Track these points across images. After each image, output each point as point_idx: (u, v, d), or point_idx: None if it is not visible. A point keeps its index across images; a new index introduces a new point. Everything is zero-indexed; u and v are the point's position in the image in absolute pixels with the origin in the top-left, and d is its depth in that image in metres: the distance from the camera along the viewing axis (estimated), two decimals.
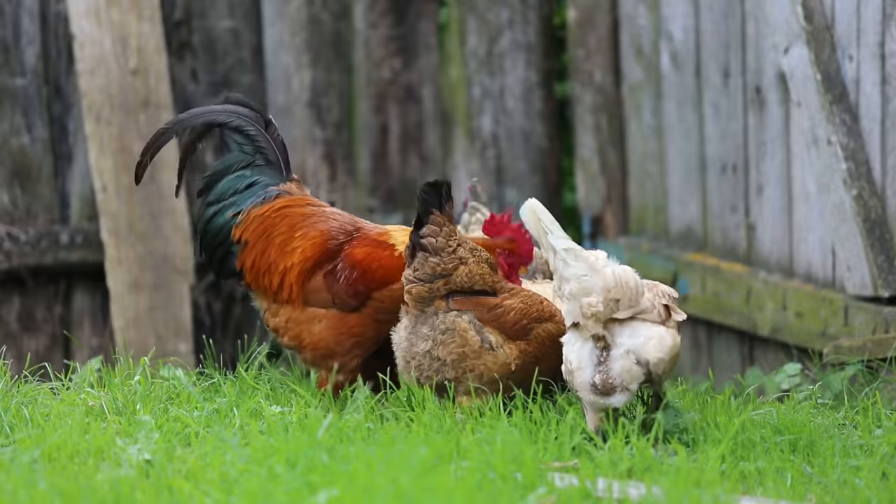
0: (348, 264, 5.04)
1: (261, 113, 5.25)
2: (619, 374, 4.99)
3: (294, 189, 5.21)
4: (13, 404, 4.99)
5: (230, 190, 5.20)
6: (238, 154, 5.21)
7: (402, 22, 7.89)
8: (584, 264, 5.01)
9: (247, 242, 5.15)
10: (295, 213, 5.14)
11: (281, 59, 7.72)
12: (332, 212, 5.16)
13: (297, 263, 5.06)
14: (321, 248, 5.07)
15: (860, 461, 4.69)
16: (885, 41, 6.07)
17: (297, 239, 5.09)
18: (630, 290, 5.01)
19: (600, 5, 7.69)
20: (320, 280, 5.04)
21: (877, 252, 6.14)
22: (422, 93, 7.95)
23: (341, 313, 5.03)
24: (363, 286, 5.01)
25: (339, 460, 4.47)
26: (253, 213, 5.15)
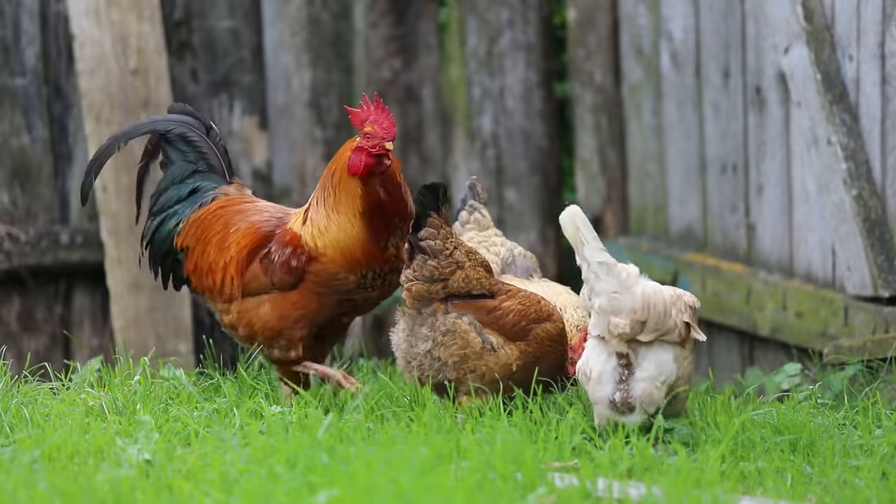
0: (280, 245, 5.16)
1: (201, 119, 5.40)
2: (641, 396, 4.98)
3: (232, 191, 5.35)
4: (13, 404, 4.99)
5: (173, 199, 5.33)
6: (181, 164, 5.34)
7: (402, 22, 7.89)
8: (616, 280, 4.99)
9: (188, 248, 5.29)
10: (229, 211, 5.28)
11: (281, 59, 7.71)
12: (265, 205, 5.30)
13: (234, 256, 5.20)
14: (253, 237, 5.20)
15: (860, 461, 4.68)
16: (885, 41, 6.07)
17: (231, 235, 5.23)
18: (657, 314, 4.99)
19: (600, 5, 7.69)
20: (257, 266, 5.17)
21: (877, 252, 6.14)
22: (422, 93, 7.95)
23: (282, 293, 5.15)
24: (296, 261, 5.12)
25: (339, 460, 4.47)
26: (192, 219, 5.29)
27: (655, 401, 4.98)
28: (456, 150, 7.93)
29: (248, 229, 5.23)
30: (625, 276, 5.00)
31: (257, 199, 5.36)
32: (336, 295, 5.15)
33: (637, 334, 4.96)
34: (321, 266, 5.12)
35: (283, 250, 5.16)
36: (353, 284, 5.15)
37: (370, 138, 5.12)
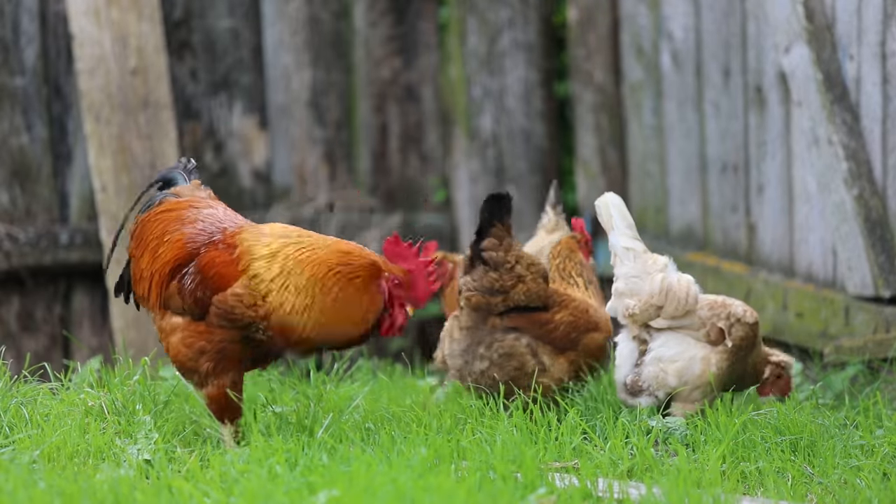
0: (196, 269, 4.79)
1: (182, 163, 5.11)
2: (647, 379, 5.08)
3: (185, 191, 5.02)
4: (13, 404, 4.98)
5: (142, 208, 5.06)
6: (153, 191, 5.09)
7: (402, 21, 7.88)
8: (639, 266, 5.09)
9: (132, 254, 4.99)
10: (171, 216, 4.93)
11: (281, 59, 7.71)
12: (207, 214, 4.91)
13: (159, 269, 4.86)
14: (179, 251, 4.84)
15: (861, 461, 4.68)
16: (885, 41, 6.06)
17: (164, 244, 4.89)
18: (677, 301, 5.07)
19: (601, 5, 7.68)
20: (175, 285, 4.82)
21: (877, 252, 6.13)
22: (422, 92, 7.94)
23: (192, 321, 4.80)
24: (201, 292, 4.76)
25: (339, 460, 4.47)
26: (138, 221, 4.99)
27: (663, 385, 5.05)
28: (456, 149, 7.92)
29: (176, 241, 4.85)
30: (651, 262, 5.09)
31: (208, 202, 4.97)
32: (234, 331, 4.73)
33: (650, 319, 5.05)
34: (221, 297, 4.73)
35: (196, 276, 4.77)
36: (248, 320, 4.72)
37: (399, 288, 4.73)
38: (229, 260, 4.74)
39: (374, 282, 4.70)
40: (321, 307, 4.68)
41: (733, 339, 5.12)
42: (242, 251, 4.73)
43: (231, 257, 4.73)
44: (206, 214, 4.89)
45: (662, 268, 5.14)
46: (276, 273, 4.70)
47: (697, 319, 5.12)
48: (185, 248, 4.83)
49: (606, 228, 5.20)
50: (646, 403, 5.10)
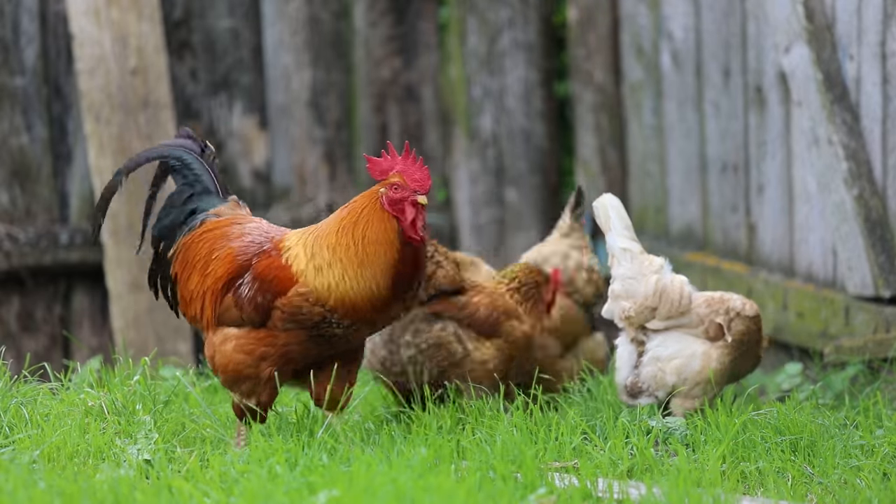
0: (252, 278, 4.80)
1: (196, 139, 5.07)
2: (646, 379, 5.09)
3: (225, 210, 5.01)
4: (12, 404, 4.98)
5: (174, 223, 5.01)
6: (180, 187, 5.03)
7: (402, 21, 7.88)
8: (635, 267, 5.11)
9: (177, 275, 4.97)
10: (215, 235, 4.93)
11: (281, 59, 7.71)
12: (252, 227, 4.93)
13: (210, 286, 4.85)
14: (231, 266, 4.84)
15: (861, 461, 4.68)
16: (885, 41, 6.06)
17: (213, 262, 4.88)
18: (671, 302, 5.09)
19: (601, 4, 7.68)
20: (230, 298, 4.81)
21: (878, 252, 6.13)
22: (422, 92, 7.94)
23: (250, 329, 4.79)
24: (261, 297, 4.75)
25: (339, 460, 4.47)
26: (181, 244, 4.97)
27: (662, 384, 5.07)
28: (456, 149, 7.92)
29: (225, 257, 4.87)
30: (646, 264, 5.10)
31: (250, 217, 5.01)
32: (303, 331, 4.75)
33: (646, 320, 5.07)
34: (287, 300, 4.73)
35: (253, 284, 4.79)
36: (317, 318, 4.73)
37: (399, 190, 4.74)
38: (285, 264, 4.76)
39: (376, 206, 4.74)
40: (359, 260, 4.71)
41: (733, 334, 5.13)
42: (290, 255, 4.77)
43: (284, 262, 4.77)
44: (251, 228, 4.91)
45: (658, 269, 5.15)
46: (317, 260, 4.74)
47: (695, 317, 5.13)
48: (237, 261, 4.84)
49: (604, 230, 5.21)
50: (646, 404, 5.12)
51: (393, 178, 4.75)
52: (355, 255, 4.72)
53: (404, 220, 4.71)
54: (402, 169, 4.75)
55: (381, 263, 4.70)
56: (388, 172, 4.77)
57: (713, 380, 5.13)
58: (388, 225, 4.73)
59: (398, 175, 4.74)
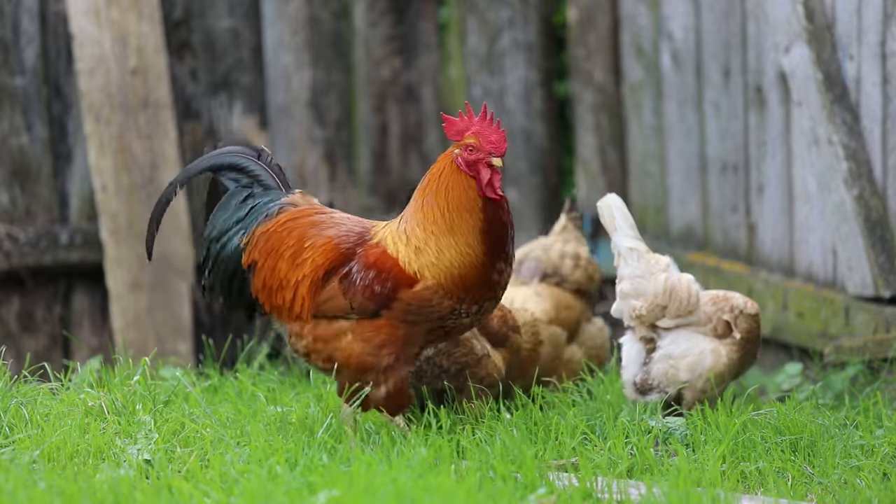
0: (363, 266, 4.72)
1: (251, 146, 5.01)
2: (657, 376, 5.14)
3: (299, 200, 4.93)
4: (12, 404, 4.98)
5: (231, 219, 4.93)
6: (235, 189, 4.95)
7: (402, 21, 7.88)
8: (643, 266, 5.16)
9: (256, 263, 4.85)
10: (302, 223, 4.85)
11: (281, 59, 7.71)
12: (340, 217, 4.88)
13: (309, 274, 4.76)
14: (332, 254, 4.77)
15: (861, 461, 4.68)
16: (885, 41, 6.06)
17: (306, 250, 4.79)
18: (679, 300, 5.13)
19: (601, 5, 7.68)
20: (335, 286, 4.73)
21: (878, 252, 6.13)
22: (422, 92, 7.94)
23: (364, 321, 4.72)
24: (379, 286, 4.68)
25: (339, 460, 4.47)
26: (258, 232, 4.86)
27: (673, 381, 5.11)
28: None
29: (324, 245, 4.78)
30: (653, 262, 5.15)
31: (328, 208, 4.94)
32: (427, 323, 4.70)
33: (657, 319, 5.11)
34: (414, 294, 4.67)
35: (367, 273, 4.71)
36: (446, 310, 4.69)
37: (474, 151, 4.70)
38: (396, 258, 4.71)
39: (453, 168, 4.72)
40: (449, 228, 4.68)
41: (741, 331, 5.17)
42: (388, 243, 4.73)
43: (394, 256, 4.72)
44: (340, 218, 4.88)
45: (665, 268, 5.19)
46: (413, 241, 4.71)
47: (703, 315, 5.17)
48: (338, 249, 4.77)
49: (609, 230, 5.23)
50: (655, 399, 5.16)
51: (468, 139, 4.72)
52: (444, 224, 4.69)
53: (480, 182, 4.67)
54: (478, 130, 4.73)
55: (471, 231, 4.67)
56: (464, 133, 4.74)
57: (724, 375, 5.17)
58: (469, 185, 4.70)
59: (474, 136, 4.71)
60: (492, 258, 4.68)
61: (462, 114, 4.76)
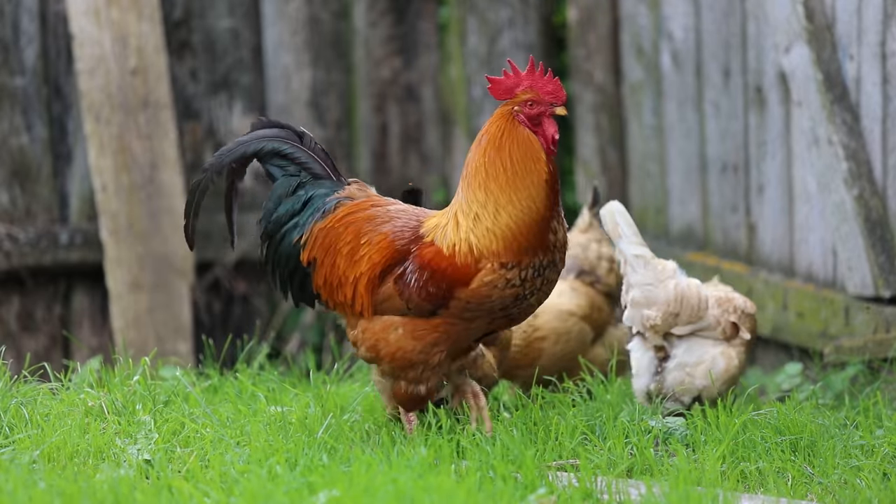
0: (417, 266, 4.63)
1: (290, 128, 4.86)
2: (672, 385, 5.13)
3: (356, 192, 4.82)
4: (12, 404, 4.98)
5: (287, 214, 4.82)
6: (283, 179, 4.82)
7: (402, 21, 7.88)
8: (651, 274, 5.14)
9: (316, 260, 4.76)
10: (359, 218, 4.75)
11: (281, 59, 7.71)
12: (397, 210, 4.76)
13: (366, 272, 4.68)
14: (387, 251, 4.68)
15: (861, 461, 4.68)
16: (885, 41, 6.06)
17: (363, 246, 4.70)
18: (691, 307, 5.13)
19: (601, 5, 7.68)
20: (391, 287, 4.65)
21: (878, 252, 6.13)
22: (422, 92, 7.94)
23: (419, 318, 4.63)
24: (434, 287, 4.59)
25: (339, 460, 4.46)
26: (316, 229, 4.76)
27: (689, 389, 5.12)
28: (456, 149, 7.92)
29: (380, 242, 4.69)
30: (660, 269, 5.13)
31: (385, 199, 4.82)
32: (488, 315, 4.62)
33: (670, 327, 5.11)
34: (472, 291, 4.57)
35: (421, 273, 4.62)
36: (510, 298, 4.59)
37: (535, 105, 4.59)
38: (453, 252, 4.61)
39: (514, 125, 4.63)
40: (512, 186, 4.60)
41: (749, 331, 5.19)
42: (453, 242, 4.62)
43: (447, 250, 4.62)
44: (396, 211, 4.78)
45: (672, 273, 5.17)
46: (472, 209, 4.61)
47: (712, 319, 5.17)
48: (393, 246, 4.68)
49: (613, 236, 5.20)
50: (677, 407, 5.18)
51: (524, 94, 4.62)
52: (506, 180, 4.60)
53: (544, 135, 4.60)
54: (531, 84, 4.62)
55: (534, 183, 4.60)
56: (515, 90, 4.64)
57: (736, 377, 5.19)
58: (532, 139, 4.61)
59: (530, 91, 4.61)
60: (550, 212, 4.58)
61: (507, 72, 4.65)
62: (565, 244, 4.66)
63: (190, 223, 4.85)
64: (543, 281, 4.61)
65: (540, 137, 4.61)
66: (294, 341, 7.74)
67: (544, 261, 4.59)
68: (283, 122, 4.87)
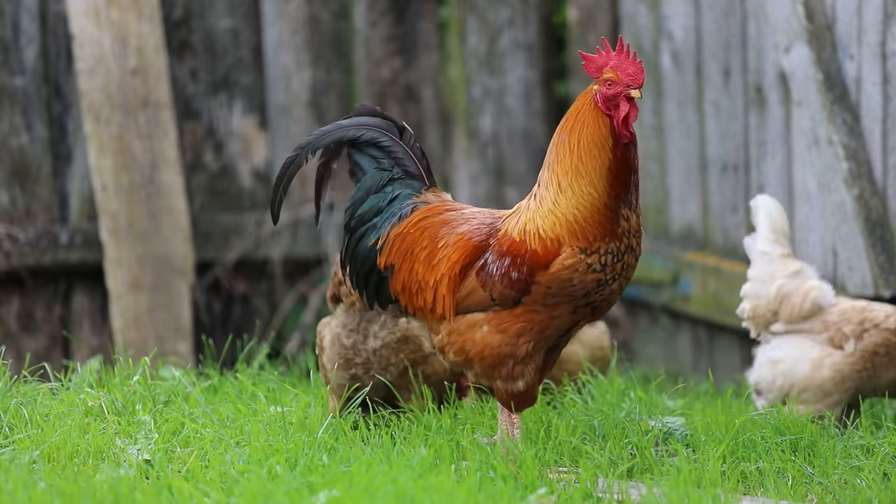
0: (498, 255, 4.56)
1: (392, 121, 4.79)
2: (759, 380, 5.24)
3: (431, 198, 4.75)
4: (12, 404, 4.98)
5: (372, 211, 4.76)
6: (375, 172, 4.75)
7: (401, 21, 7.88)
8: (768, 270, 5.31)
9: (393, 266, 4.71)
10: (434, 222, 4.70)
11: (281, 59, 7.71)
12: (471, 212, 4.71)
13: (446, 273, 4.63)
14: (465, 249, 4.63)
15: (861, 462, 4.68)
16: (885, 40, 6.06)
17: (440, 249, 4.66)
18: (792, 307, 5.24)
19: (601, 4, 7.68)
20: (473, 280, 4.59)
21: (878, 252, 6.13)
22: (422, 92, 7.94)
23: (503, 311, 4.56)
24: (517, 272, 4.51)
25: (339, 460, 4.46)
26: (392, 235, 4.71)
27: (772, 386, 5.20)
28: (456, 149, 7.92)
29: (457, 242, 4.64)
30: (781, 268, 5.30)
31: (460, 204, 4.76)
32: (571, 302, 4.53)
33: (768, 323, 5.24)
34: (552, 274, 4.49)
35: (502, 261, 4.55)
36: (591, 284, 4.51)
37: (612, 85, 4.51)
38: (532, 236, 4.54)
39: (591, 106, 4.56)
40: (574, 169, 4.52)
41: (864, 345, 5.19)
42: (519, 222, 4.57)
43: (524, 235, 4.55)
44: (471, 213, 4.73)
45: (792, 273, 5.31)
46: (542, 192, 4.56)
47: (819, 324, 5.23)
48: (470, 243, 4.63)
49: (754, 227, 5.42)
50: (760, 405, 5.25)
51: (607, 73, 4.55)
52: (570, 164, 4.53)
53: (617, 117, 4.53)
54: (615, 64, 4.55)
55: (596, 169, 4.52)
56: (603, 69, 4.57)
57: (826, 387, 5.18)
58: (602, 123, 4.53)
59: (612, 70, 4.55)
60: (615, 201, 4.50)
61: (600, 49, 4.57)
62: (639, 230, 4.58)
63: (278, 198, 4.77)
64: (623, 265, 4.54)
65: (612, 119, 4.53)
66: (294, 341, 7.74)
67: (620, 246, 4.52)
68: (385, 113, 4.80)
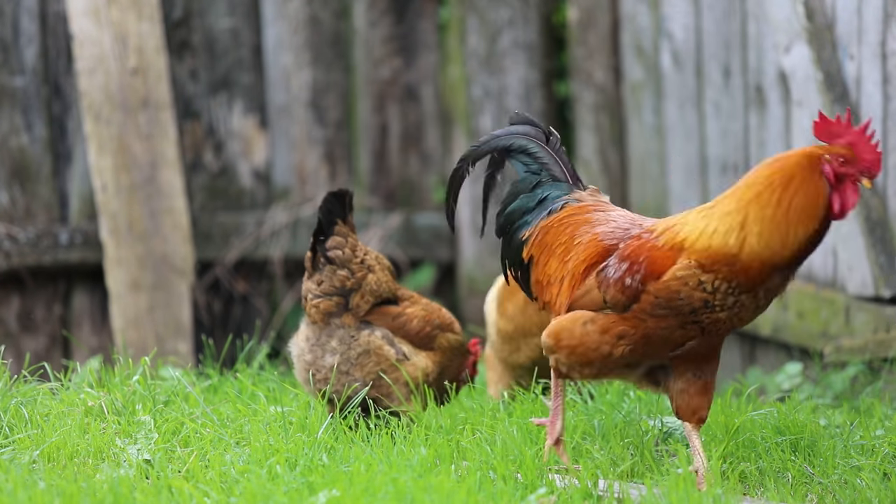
0: (619, 259, 4.51)
1: (541, 127, 4.83)
2: None
3: (586, 197, 4.76)
4: (12, 404, 4.98)
5: (520, 210, 4.80)
6: (525, 176, 4.81)
7: (401, 21, 7.88)
8: None
9: (532, 258, 4.73)
10: (578, 220, 4.69)
11: (281, 59, 7.71)
12: (617, 214, 4.67)
13: (572, 269, 4.62)
14: (594, 250, 4.60)
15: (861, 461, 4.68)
16: (885, 40, 6.06)
17: (574, 247, 4.65)
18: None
19: (601, 4, 7.68)
20: (592, 280, 4.55)
21: (878, 252, 6.13)
22: (422, 92, 7.94)
23: (613, 315, 4.51)
24: (630, 278, 4.47)
25: (339, 460, 4.47)
26: (539, 227, 4.73)
27: None
28: (456, 149, 7.92)
29: (589, 242, 4.61)
30: None
31: (613, 206, 4.73)
32: (678, 317, 4.43)
33: None
34: (662, 284, 4.42)
35: (621, 265, 4.50)
36: (698, 303, 4.39)
37: (846, 164, 4.36)
38: (657, 245, 4.48)
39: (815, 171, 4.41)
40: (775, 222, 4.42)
41: None
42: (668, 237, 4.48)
43: (658, 243, 4.48)
44: (617, 215, 4.70)
45: None
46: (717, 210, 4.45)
47: None
48: (601, 244, 4.60)
49: None
50: None
51: (840, 147, 4.38)
52: (772, 215, 4.42)
53: (842, 199, 4.42)
54: (853, 141, 4.38)
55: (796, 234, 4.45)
56: (835, 139, 4.40)
57: None
58: (822, 193, 4.42)
59: (848, 147, 4.38)
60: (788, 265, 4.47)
61: (840, 117, 4.42)
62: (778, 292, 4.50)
63: (451, 208, 4.90)
64: (737, 302, 4.44)
65: (836, 200, 4.44)
66: None
67: (746, 289, 4.44)
68: (536, 121, 4.87)
